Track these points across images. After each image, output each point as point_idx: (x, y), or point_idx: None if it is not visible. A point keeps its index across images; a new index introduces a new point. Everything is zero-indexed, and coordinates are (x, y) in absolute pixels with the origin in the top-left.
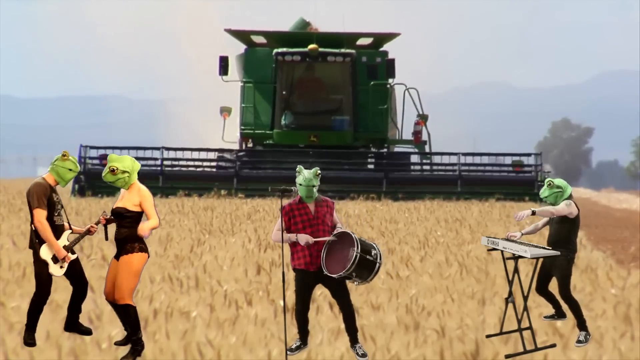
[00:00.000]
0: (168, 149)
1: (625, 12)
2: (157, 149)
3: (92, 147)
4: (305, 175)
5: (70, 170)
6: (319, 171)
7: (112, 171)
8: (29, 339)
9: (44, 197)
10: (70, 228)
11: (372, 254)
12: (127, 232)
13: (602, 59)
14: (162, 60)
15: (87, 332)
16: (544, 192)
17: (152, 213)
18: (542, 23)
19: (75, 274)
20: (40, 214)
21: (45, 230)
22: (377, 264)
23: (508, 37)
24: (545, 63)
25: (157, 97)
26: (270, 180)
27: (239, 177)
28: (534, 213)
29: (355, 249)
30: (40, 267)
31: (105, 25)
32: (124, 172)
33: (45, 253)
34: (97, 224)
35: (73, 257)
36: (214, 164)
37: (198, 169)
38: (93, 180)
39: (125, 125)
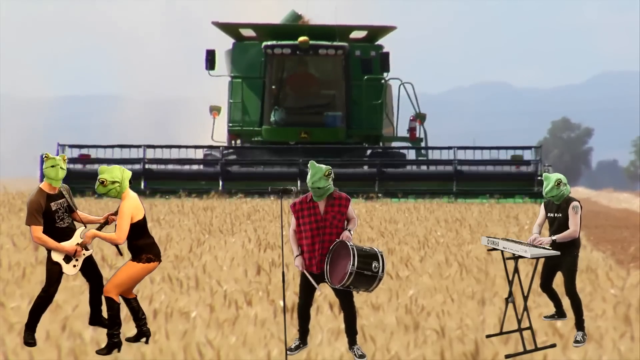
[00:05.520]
0: (149, 146)
1: (625, 12)
2: (139, 146)
3: (70, 146)
4: (310, 175)
5: (52, 167)
6: (330, 170)
7: (102, 183)
8: (29, 339)
9: (36, 214)
10: (85, 226)
11: (373, 267)
12: (134, 241)
13: (602, 59)
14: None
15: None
16: (551, 191)
17: (119, 226)
18: (542, 23)
19: (89, 269)
20: (36, 230)
21: (46, 242)
22: (378, 277)
23: (508, 37)
24: (545, 63)
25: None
26: (257, 179)
27: (224, 175)
28: (554, 241)
29: (350, 265)
30: (51, 264)
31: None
32: (113, 182)
33: (56, 255)
34: (112, 218)
35: (88, 253)
36: (200, 162)
37: (184, 167)
38: (72, 180)
39: (127, 125)
